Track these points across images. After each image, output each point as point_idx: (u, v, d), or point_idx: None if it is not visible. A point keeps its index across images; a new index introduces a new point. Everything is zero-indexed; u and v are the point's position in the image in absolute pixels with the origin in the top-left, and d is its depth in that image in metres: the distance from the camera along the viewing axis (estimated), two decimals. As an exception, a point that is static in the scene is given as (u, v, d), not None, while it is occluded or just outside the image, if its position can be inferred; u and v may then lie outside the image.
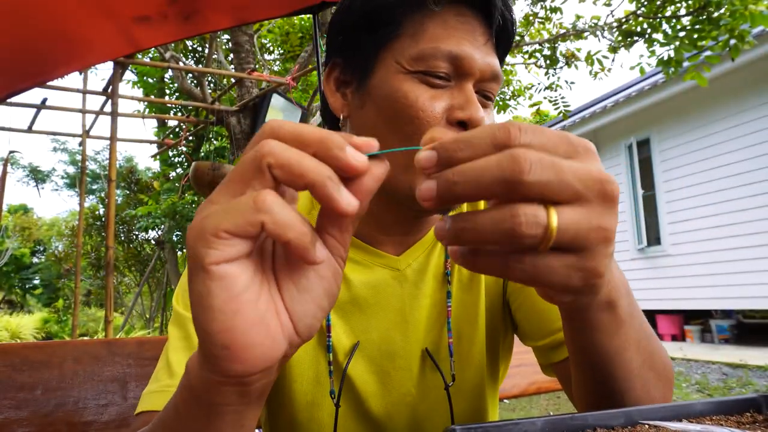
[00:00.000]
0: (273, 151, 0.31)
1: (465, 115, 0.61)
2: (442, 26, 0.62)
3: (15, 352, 0.94)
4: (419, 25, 0.63)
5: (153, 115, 7.25)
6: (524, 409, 4.44)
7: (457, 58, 0.61)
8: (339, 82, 0.70)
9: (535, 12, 5.51)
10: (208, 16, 2.63)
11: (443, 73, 0.62)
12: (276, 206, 0.30)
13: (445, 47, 0.61)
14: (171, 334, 0.67)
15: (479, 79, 0.63)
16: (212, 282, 0.31)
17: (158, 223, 8.58)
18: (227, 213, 0.31)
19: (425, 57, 0.61)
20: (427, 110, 0.61)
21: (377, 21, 0.64)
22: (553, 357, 0.71)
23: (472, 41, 0.63)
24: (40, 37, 2.40)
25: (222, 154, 8.23)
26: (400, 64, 0.63)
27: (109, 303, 3.57)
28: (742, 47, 3.94)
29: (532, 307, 0.73)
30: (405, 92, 0.62)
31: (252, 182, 0.32)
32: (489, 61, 0.63)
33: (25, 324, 10.88)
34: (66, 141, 22.63)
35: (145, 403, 0.62)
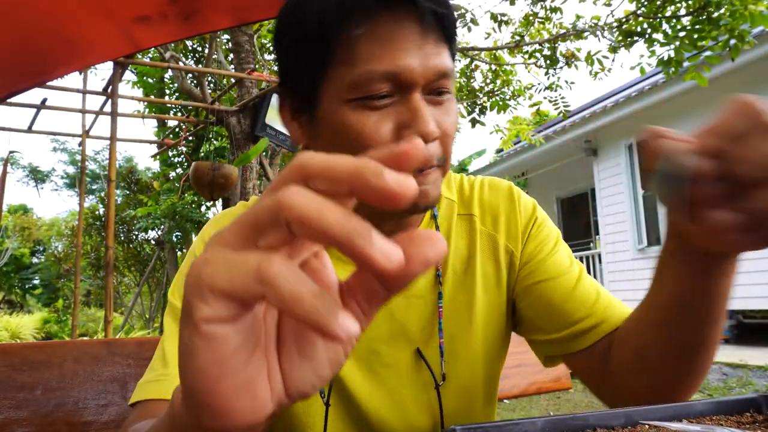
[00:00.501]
0: (292, 203, 0.25)
1: (413, 133, 0.60)
2: (373, 42, 0.59)
3: (15, 352, 0.94)
4: (350, 49, 0.60)
5: (153, 115, 7.25)
6: (524, 409, 4.44)
7: (395, 75, 0.59)
8: (293, 110, 0.69)
9: (535, 12, 5.51)
10: (208, 16, 2.63)
11: (384, 93, 0.60)
12: (282, 278, 0.25)
13: (379, 68, 0.59)
14: (166, 325, 0.69)
15: (427, 84, 0.62)
16: (199, 340, 0.27)
17: (158, 224, 8.58)
18: (228, 269, 0.26)
19: (361, 83, 0.59)
20: (374, 137, 0.60)
21: (307, 58, 0.63)
22: (573, 347, 0.72)
23: (408, 49, 0.59)
24: (40, 37, 2.40)
25: (222, 154, 8.23)
26: (339, 94, 0.61)
27: (108, 303, 3.57)
28: (742, 47, 3.94)
29: (548, 301, 0.73)
30: (349, 124, 0.61)
31: (265, 234, 0.27)
32: (432, 63, 0.61)
33: (25, 324, 10.89)
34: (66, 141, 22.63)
35: (140, 393, 0.63)
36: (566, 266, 0.75)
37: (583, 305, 0.72)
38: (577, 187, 10.74)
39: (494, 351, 0.77)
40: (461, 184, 0.82)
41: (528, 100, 6.62)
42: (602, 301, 0.72)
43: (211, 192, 4.29)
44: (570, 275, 0.74)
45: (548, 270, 0.75)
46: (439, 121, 0.63)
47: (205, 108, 4.85)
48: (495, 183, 0.81)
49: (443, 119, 0.64)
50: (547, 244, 0.77)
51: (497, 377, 0.80)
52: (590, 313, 0.71)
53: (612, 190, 8.50)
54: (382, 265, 0.25)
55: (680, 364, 0.61)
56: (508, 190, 0.80)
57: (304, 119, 0.68)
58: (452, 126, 0.65)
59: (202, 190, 4.33)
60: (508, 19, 5.52)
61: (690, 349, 0.60)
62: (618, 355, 0.68)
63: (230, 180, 4.33)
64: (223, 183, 4.28)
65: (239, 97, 4.95)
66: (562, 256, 0.77)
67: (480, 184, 0.81)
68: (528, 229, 0.78)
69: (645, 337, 0.63)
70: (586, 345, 0.71)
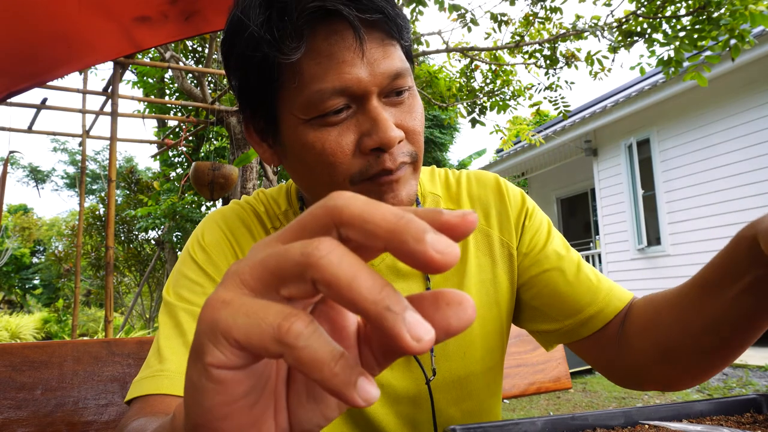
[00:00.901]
0: (322, 264, 0.23)
1: (374, 143, 0.60)
2: (316, 61, 0.58)
3: (15, 352, 0.94)
4: (294, 72, 0.59)
5: (153, 115, 7.25)
6: (524, 409, 4.44)
7: (345, 90, 0.59)
8: (259, 131, 0.69)
9: (535, 12, 5.51)
10: (209, 17, 2.63)
11: (340, 107, 0.60)
12: (302, 341, 0.23)
13: (327, 86, 0.58)
14: (161, 322, 0.69)
15: (382, 89, 0.61)
16: (209, 382, 0.26)
17: (158, 224, 8.58)
18: (247, 320, 0.24)
19: (314, 103, 0.59)
20: (337, 152, 0.60)
21: (255, 82, 0.62)
22: (584, 331, 0.73)
23: (352, 60, 0.58)
24: (40, 38, 2.40)
25: (222, 154, 8.24)
26: (295, 116, 0.61)
27: (109, 303, 3.57)
28: (742, 47, 3.93)
29: (555, 290, 0.74)
30: (311, 143, 0.61)
31: (289, 285, 0.25)
32: (380, 68, 0.60)
33: (25, 324, 10.89)
34: (66, 141, 22.64)
35: (136, 390, 0.63)
36: (564, 253, 0.77)
37: (589, 290, 0.73)
38: (577, 187, 10.74)
39: (493, 343, 0.77)
40: (446, 178, 0.82)
41: (528, 100, 6.62)
42: (603, 285, 0.74)
43: (211, 192, 4.29)
44: (569, 262, 0.76)
45: (549, 259, 0.76)
46: (402, 121, 0.63)
47: (205, 108, 4.85)
48: (481, 177, 0.82)
49: (406, 118, 0.64)
50: (542, 233, 0.78)
51: (499, 369, 0.81)
52: (595, 297, 0.73)
53: (612, 190, 8.51)
54: (409, 347, 0.23)
55: (715, 362, 0.62)
56: (495, 182, 0.81)
57: (270, 141, 0.68)
58: (417, 122, 0.65)
59: (202, 190, 4.33)
60: (508, 19, 5.52)
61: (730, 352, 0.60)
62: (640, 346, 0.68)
63: (230, 180, 4.33)
64: (223, 183, 4.28)
65: (239, 97, 4.94)
66: (558, 243, 0.78)
67: (467, 178, 0.82)
68: (521, 220, 0.78)
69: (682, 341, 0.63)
70: (595, 329, 0.72)
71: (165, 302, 0.71)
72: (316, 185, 0.66)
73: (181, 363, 0.64)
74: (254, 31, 0.58)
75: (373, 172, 0.62)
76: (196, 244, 0.74)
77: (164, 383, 0.62)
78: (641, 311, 0.70)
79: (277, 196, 0.80)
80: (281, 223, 0.76)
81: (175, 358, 0.64)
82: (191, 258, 0.73)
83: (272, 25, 0.57)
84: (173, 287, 0.71)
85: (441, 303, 0.25)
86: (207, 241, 0.73)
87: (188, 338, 0.65)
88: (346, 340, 0.29)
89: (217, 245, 0.73)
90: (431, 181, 0.82)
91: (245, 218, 0.76)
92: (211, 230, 0.75)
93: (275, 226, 0.76)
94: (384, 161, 0.61)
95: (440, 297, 0.25)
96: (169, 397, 0.61)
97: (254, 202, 0.79)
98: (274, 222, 0.77)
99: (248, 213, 0.77)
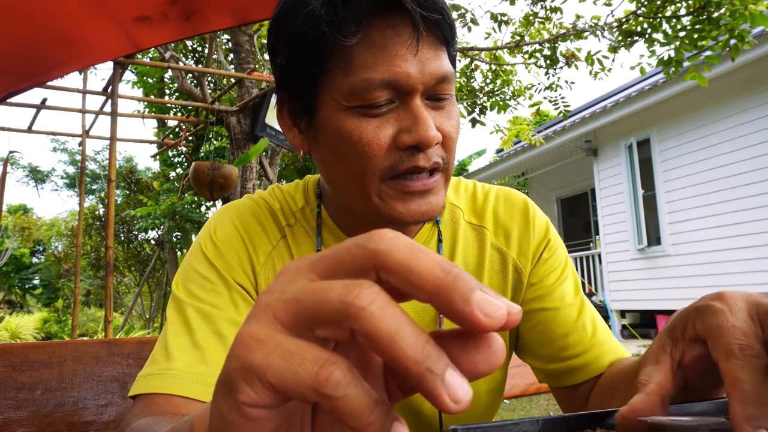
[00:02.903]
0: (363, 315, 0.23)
1: (413, 140, 0.59)
2: (369, 50, 0.58)
3: (15, 352, 0.94)
4: (346, 57, 0.59)
5: (153, 115, 7.25)
6: (524, 409, 4.44)
7: (393, 83, 0.59)
8: (292, 115, 0.68)
9: (535, 12, 5.51)
10: (208, 16, 2.63)
11: (384, 101, 0.60)
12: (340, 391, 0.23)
13: (376, 76, 0.58)
14: (169, 318, 0.68)
15: (427, 89, 0.61)
16: (239, 418, 0.25)
17: (158, 224, 8.58)
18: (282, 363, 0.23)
19: (359, 92, 0.59)
20: (373, 144, 0.60)
21: (303, 63, 0.62)
22: (565, 381, 0.74)
23: (404, 56, 0.59)
24: (40, 37, 2.40)
25: (222, 154, 8.24)
26: (337, 101, 0.61)
27: (108, 303, 3.57)
28: (742, 47, 3.93)
29: (549, 329, 0.74)
30: (348, 131, 0.61)
31: (325, 328, 0.24)
32: (429, 68, 0.60)
33: (25, 324, 10.88)
34: (66, 141, 22.64)
35: (140, 386, 0.62)
36: (571, 298, 0.76)
37: (581, 341, 0.73)
38: (577, 187, 10.74)
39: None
40: (473, 192, 0.81)
41: (528, 100, 6.62)
42: (598, 338, 0.74)
43: (211, 192, 4.29)
44: (573, 307, 0.75)
45: (554, 299, 0.75)
46: (441, 125, 0.63)
47: (205, 108, 4.85)
48: (510, 197, 0.80)
49: (445, 123, 0.63)
50: (556, 269, 0.77)
51: (501, 389, 0.81)
52: (586, 350, 0.72)
53: (612, 190, 8.51)
54: (447, 408, 0.22)
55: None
56: (523, 205, 0.79)
57: (303, 125, 0.67)
58: (454, 130, 0.64)
59: (202, 190, 4.33)
60: (508, 19, 5.52)
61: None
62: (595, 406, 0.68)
63: (230, 180, 4.33)
64: (223, 183, 4.28)
65: (239, 97, 4.95)
66: (569, 284, 0.77)
67: (495, 195, 0.80)
68: (540, 250, 0.77)
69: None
70: (574, 383, 0.73)
71: (174, 296, 0.70)
72: (343, 177, 0.65)
73: (189, 362, 0.62)
74: (315, 8, 0.58)
75: (403, 168, 0.61)
76: (207, 239, 0.72)
77: (171, 383, 0.61)
78: (609, 374, 0.70)
79: (293, 192, 0.78)
80: (296, 221, 0.75)
81: (183, 357, 0.63)
82: (202, 253, 0.71)
83: (335, 7, 0.57)
84: (183, 281, 0.70)
85: (470, 347, 0.24)
86: (219, 237, 0.72)
87: (196, 337, 0.64)
88: (373, 371, 0.28)
89: (229, 241, 0.71)
90: (455, 192, 0.81)
91: (259, 214, 0.75)
92: (223, 225, 0.73)
93: (290, 223, 0.75)
94: (417, 159, 0.61)
95: (469, 340, 0.24)
96: (175, 398, 0.60)
97: (269, 198, 0.77)
98: (289, 219, 0.75)
99: (262, 209, 0.75)
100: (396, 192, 0.62)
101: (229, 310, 0.67)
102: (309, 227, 0.75)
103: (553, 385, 0.76)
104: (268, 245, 0.73)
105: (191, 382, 0.61)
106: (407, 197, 0.63)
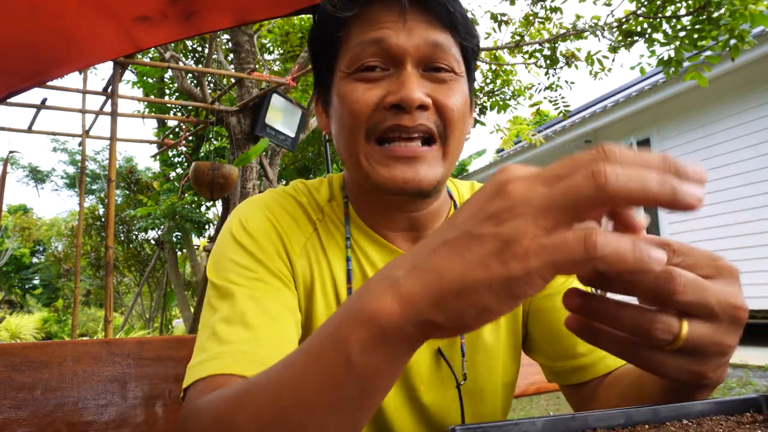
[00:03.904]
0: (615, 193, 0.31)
1: (395, 99, 0.63)
2: (363, 23, 0.67)
3: (15, 352, 0.94)
4: (346, 34, 0.68)
5: (153, 115, 7.25)
6: (524, 409, 4.44)
7: (381, 42, 0.64)
8: (322, 103, 0.76)
9: (535, 12, 5.51)
10: (208, 16, 2.63)
11: (375, 63, 0.65)
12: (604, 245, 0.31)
13: (367, 37, 0.65)
14: (213, 307, 0.65)
15: (419, 57, 0.65)
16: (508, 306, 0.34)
17: (158, 224, 8.57)
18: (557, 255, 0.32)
19: (354, 57, 0.66)
20: (361, 102, 0.65)
21: (322, 46, 0.72)
22: (571, 379, 0.75)
23: (395, 24, 0.65)
24: (40, 37, 2.40)
25: (222, 154, 8.23)
26: (342, 71, 0.68)
27: (108, 303, 3.57)
28: (742, 47, 3.93)
29: (555, 330, 0.75)
30: (344, 93, 0.67)
31: (582, 215, 0.32)
32: (422, 36, 0.65)
33: (25, 324, 10.89)
34: (66, 141, 22.64)
35: (195, 373, 0.59)
36: None
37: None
38: (577, 187, 10.72)
39: (512, 356, 0.79)
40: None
41: (528, 100, 6.62)
42: None
43: (211, 192, 4.29)
44: None
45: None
46: (436, 94, 0.65)
47: (205, 108, 4.85)
48: None
49: (442, 93, 0.65)
50: None
51: (514, 384, 0.81)
52: (592, 349, 0.73)
53: (612, 190, 8.49)
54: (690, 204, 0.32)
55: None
56: None
57: (325, 105, 0.75)
58: (452, 100, 0.66)
59: (202, 190, 4.33)
60: (508, 19, 5.52)
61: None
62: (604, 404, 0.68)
63: (230, 180, 4.32)
64: (223, 183, 4.28)
65: (239, 97, 4.94)
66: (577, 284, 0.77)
67: None
68: None
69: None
70: (580, 381, 0.74)
71: (216, 287, 0.67)
72: (342, 143, 0.70)
73: (244, 342, 0.60)
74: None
75: (387, 125, 0.64)
76: (240, 230, 0.71)
77: (229, 363, 0.58)
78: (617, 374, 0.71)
79: (318, 186, 0.80)
80: (324, 215, 0.76)
81: (237, 338, 0.60)
82: (237, 243, 0.70)
83: None
84: (221, 272, 0.68)
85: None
86: (253, 227, 0.71)
87: (247, 318, 0.62)
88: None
89: (263, 231, 0.71)
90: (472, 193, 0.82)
91: (288, 207, 0.75)
92: (255, 216, 0.72)
93: (318, 218, 0.76)
94: (401, 118, 0.64)
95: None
96: (234, 377, 0.57)
97: (294, 193, 0.78)
98: (317, 213, 0.76)
99: (290, 202, 0.76)
100: (381, 156, 0.65)
101: (273, 292, 0.66)
102: (337, 220, 0.76)
103: (559, 383, 0.77)
104: (302, 237, 0.74)
105: (249, 362, 0.58)
106: (392, 162, 0.65)
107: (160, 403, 0.99)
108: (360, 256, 0.74)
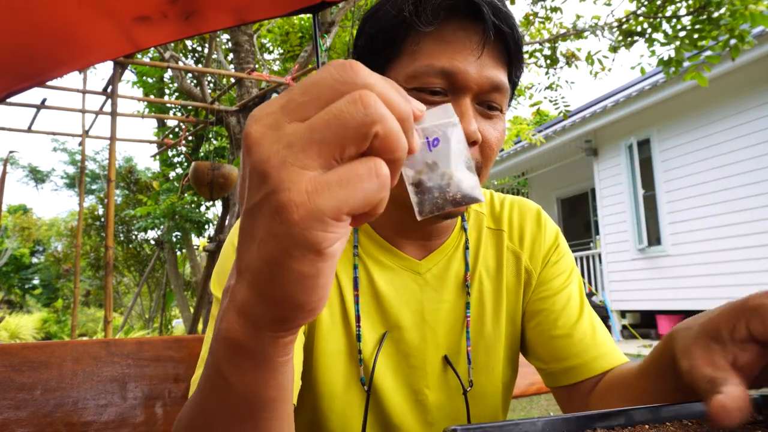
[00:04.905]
0: (384, 119, 0.28)
1: None
2: (437, 42, 0.64)
3: (14, 352, 0.94)
4: (416, 44, 0.65)
5: (153, 115, 7.25)
6: (524, 409, 4.44)
7: (450, 74, 0.63)
8: None
9: (535, 12, 5.51)
10: (208, 16, 2.63)
11: (438, 89, 0.64)
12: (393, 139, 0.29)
13: (438, 63, 0.63)
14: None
15: (478, 92, 0.65)
16: (324, 263, 0.29)
17: (157, 224, 8.57)
18: (349, 190, 0.28)
19: (419, 74, 0.64)
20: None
21: (380, 44, 0.68)
22: (562, 380, 0.76)
23: (467, 56, 0.63)
24: (40, 37, 2.40)
25: (222, 154, 8.23)
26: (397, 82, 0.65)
27: (108, 303, 3.57)
28: (742, 47, 3.93)
29: (549, 332, 0.76)
30: None
31: (349, 147, 0.28)
32: (487, 74, 0.64)
33: (25, 324, 10.88)
34: (66, 141, 22.63)
35: (193, 387, 0.61)
36: (574, 302, 0.78)
37: (579, 342, 0.75)
38: (577, 187, 10.73)
39: (511, 357, 0.80)
40: (491, 199, 0.85)
41: (528, 100, 6.62)
42: (596, 340, 0.75)
43: (211, 192, 4.29)
44: (574, 311, 0.77)
45: (558, 301, 0.78)
46: (484, 131, 0.65)
47: (205, 108, 4.85)
48: (524, 205, 0.84)
49: (489, 130, 0.66)
50: (562, 274, 0.80)
51: (513, 384, 0.83)
52: (583, 350, 0.74)
53: (612, 190, 8.50)
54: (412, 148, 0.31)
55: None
56: (536, 213, 0.83)
57: None
58: (495, 140, 0.67)
59: (202, 190, 4.33)
60: (508, 19, 5.51)
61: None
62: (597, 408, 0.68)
63: (230, 180, 4.32)
64: (223, 183, 4.28)
65: (239, 97, 4.94)
66: (573, 289, 0.80)
67: (510, 204, 0.84)
68: (549, 254, 0.81)
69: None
70: (571, 382, 0.75)
71: (218, 301, 0.67)
72: None
73: None
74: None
75: None
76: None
77: None
78: (610, 377, 0.72)
79: None
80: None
81: None
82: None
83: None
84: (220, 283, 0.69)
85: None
86: None
87: None
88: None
89: None
90: None
91: None
92: None
93: None
94: None
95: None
96: None
97: None
98: None
99: None
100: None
101: None
102: None
103: (551, 384, 0.78)
104: None
105: None
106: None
107: (160, 404, 0.99)
108: (369, 263, 0.74)
